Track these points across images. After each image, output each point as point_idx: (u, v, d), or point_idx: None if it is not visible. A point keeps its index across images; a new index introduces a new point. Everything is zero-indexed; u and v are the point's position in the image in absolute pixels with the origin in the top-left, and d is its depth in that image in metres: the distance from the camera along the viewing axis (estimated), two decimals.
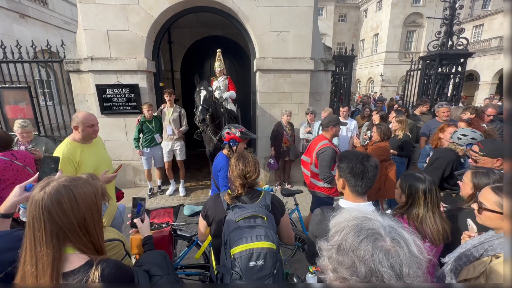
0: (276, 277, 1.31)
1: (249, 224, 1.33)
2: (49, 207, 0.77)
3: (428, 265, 0.79)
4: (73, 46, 4.55)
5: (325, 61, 4.95)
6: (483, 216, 1.19)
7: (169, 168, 4.66)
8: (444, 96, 5.42)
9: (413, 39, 23.45)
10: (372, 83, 26.20)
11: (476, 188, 1.56)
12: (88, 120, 2.05)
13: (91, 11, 4.19)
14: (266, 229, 1.32)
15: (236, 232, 1.31)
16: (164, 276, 1.05)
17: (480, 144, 2.04)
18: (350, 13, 28.92)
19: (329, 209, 1.33)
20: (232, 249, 1.28)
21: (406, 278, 0.57)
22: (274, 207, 1.49)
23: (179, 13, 4.59)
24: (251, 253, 1.25)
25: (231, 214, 1.38)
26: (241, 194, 1.48)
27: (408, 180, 1.53)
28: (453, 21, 5.25)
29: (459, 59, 5.28)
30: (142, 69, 4.45)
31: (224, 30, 6.83)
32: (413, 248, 0.61)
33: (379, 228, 0.63)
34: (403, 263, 0.58)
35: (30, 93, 4.69)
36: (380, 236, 0.61)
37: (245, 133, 2.39)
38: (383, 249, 0.59)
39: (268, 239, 1.29)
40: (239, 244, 1.27)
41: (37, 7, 9.70)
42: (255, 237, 1.28)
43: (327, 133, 2.75)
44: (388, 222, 0.66)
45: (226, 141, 2.38)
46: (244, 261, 1.25)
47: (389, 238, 0.61)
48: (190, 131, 4.79)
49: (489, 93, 16.85)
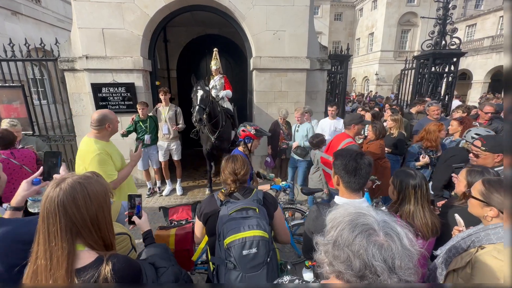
0: (270, 266, 1.35)
1: (241, 216, 1.37)
2: (65, 203, 0.79)
3: (419, 258, 0.82)
4: (68, 44, 4.50)
5: (321, 60, 4.98)
6: (469, 203, 1.28)
7: (166, 167, 4.66)
8: (438, 95, 5.51)
9: (408, 38, 23.69)
10: (368, 82, 26.41)
11: (470, 187, 1.61)
12: (115, 116, 2.20)
13: (86, 9, 4.14)
14: (258, 220, 1.36)
15: (228, 223, 1.35)
16: (169, 268, 1.10)
17: (482, 140, 2.05)
18: (345, 12, 29.05)
19: (325, 205, 1.37)
20: (225, 240, 1.31)
21: (398, 270, 0.60)
22: (266, 201, 1.54)
23: (175, 11, 4.58)
24: (244, 241, 1.29)
25: (224, 209, 1.43)
26: (234, 191, 1.53)
27: (399, 176, 1.59)
28: (446, 21, 5.34)
29: (452, 59, 5.38)
30: (138, 68, 4.42)
31: (221, 29, 6.82)
32: (405, 241, 0.64)
33: (373, 223, 0.66)
34: (395, 256, 0.61)
35: (23, 92, 4.63)
36: (374, 231, 0.64)
37: (260, 131, 2.51)
38: (377, 244, 0.62)
39: (260, 228, 1.33)
40: (232, 234, 1.31)
41: (30, 4, 9.53)
42: (247, 226, 1.32)
43: (350, 131, 2.75)
44: (382, 217, 0.68)
45: (241, 138, 2.47)
46: (238, 250, 1.28)
47: (383, 232, 0.64)
48: (186, 130, 4.79)
49: (481, 91, 17.14)
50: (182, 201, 4.50)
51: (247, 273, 1.30)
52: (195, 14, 5.41)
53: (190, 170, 5.90)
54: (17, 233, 0.98)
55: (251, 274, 1.30)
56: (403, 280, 0.60)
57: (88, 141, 2.09)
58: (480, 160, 2.03)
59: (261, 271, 1.31)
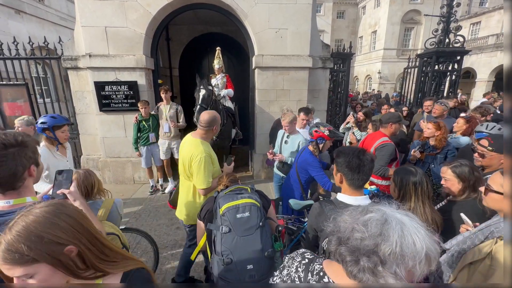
0: (264, 230, 1.46)
1: (235, 193, 1.55)
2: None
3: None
4: (71, 43, 4.52)
5: (323, 59, 4.97)
6: (489, 197, 1.20)
7: (168, 165, 4.68)
8: (441, 93, 5.47)
9: (411, 36, 23.48)
10: (370, 80, 26.25)
11: (463, 180, 1.60)
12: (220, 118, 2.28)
13: (89, 7, 4.16)
14: (251, 195, 1.54)
15: (223, 198, 1.52)
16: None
17: (490, 139, 1.91)
18: (348, 10, 28.84)
19: (327, 202, 1.38)
20: (220, 208, 1.47)
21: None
22: (259, 191, 1.69)
23: (177, 10, 4.58)
24: (237, 207, 1.45)
25: (219, 195, 1.59)
26: (228, 185, 1.73)
27: (400, 173, 1.60)
28: (450, 19, 5.28)
29: (456, 57, 5.33)
30: (141, 66, 4.44)
31: (223, 27, 6.81)
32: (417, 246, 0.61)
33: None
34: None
35: (28, 90, 4.67)
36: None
37: (334, 132, 2.51)
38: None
39: (252, 198, 1.50)
40: (227, 203, 1.47)
41: (33, 3, 9.59)
42: (240, 197, 1.51)
43: (386, 130, 2.72)
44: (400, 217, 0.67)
45: (313, 139, 2.50)
46: (232, 214, 1.43)
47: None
48: (188, 129, 4.81)
49: (485, 90, 16.97)
50: None
51: (242, 235, 1.41)
52: (198, 12, 5.41)
53: None
54: None
55: (246, 236, 1.41)
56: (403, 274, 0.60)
57: (195, 142, 2.05)
58: (486, 160, 1.89)
59: (255, 233, 1.43)
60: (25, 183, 1.05)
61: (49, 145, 2.35)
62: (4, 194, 1.01)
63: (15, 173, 0.99)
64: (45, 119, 2.30)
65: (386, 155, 2.53)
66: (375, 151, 2.63)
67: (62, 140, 2.39)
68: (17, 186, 1.02)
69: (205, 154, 1.96)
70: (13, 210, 1.00)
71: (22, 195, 1.04)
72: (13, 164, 0.98)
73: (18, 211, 0.96)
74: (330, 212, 1.29)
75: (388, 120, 2.70)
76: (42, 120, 2.30)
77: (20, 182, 1.03)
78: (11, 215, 0.98)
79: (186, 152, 2.03)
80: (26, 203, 1.04)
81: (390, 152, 2.53)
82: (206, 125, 2.04)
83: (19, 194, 1.04)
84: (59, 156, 2.40)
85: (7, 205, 1.01)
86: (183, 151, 2.09)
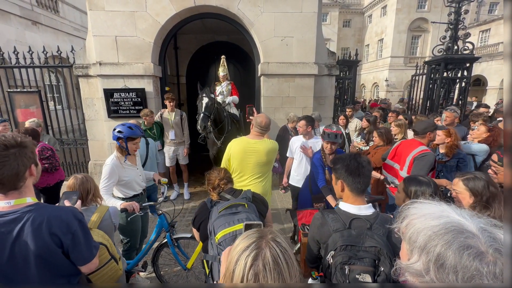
0: None
1: (230, 212, 1.37)
2: None
3: None
4: (83, 51, 4.67)
5: (329, 66, 4.97)
6: None
7: (173, 172, 4.70)
8: (450, 101, 5.37)
9: (418, 44, 23.35)
10: (377, 88, 26.08)
11: (475, 195, 1.45)
12: None
13: (101, 18, 4.31)
14: (247, 213, 1.36)
15: (218, 219, 1.34)
16: None
17: (500, 153, 1.72)
18: (354, 19, 29.02)
19: (329, 212, 1.33)
20: (216, 236, 1.29)
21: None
22: (255, 201, 1.57)
23: (185, 19, 4.70)
24: (235, 235, 1.25)
25: (214, 209, 1.45)
26: (223, 189, 1.64)
27: (412, 184, 1.52)
28: (458, 26, 5.23)
29: (465, 64, 5.24)
30: (149, 74, 4.54)
31: (229, 36, 6.94)
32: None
33: (477, 242, 0.57)
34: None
35: (40, 97, 4.82)
36: (482, 254, 0.56)
37: (332, 134, 2.65)
38: (490, 264, 0.54)
39: (249, 218, 1.32)
40: (222, 229, 1.29)
41: (49, 15, 10.02)
42: (237, 220, 1.31)
43: (423, 139, 2.63)
44: (478, 224, 0.61)
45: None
46: (229, 243, 1.23)
47: (492, 250, 0.56)
48: (194, 136, 4.84)
49: (497, 98, 16.60)
50: (189, 205, 4.50)
51: None
52: (205, 21, 5.54)
53: (197, 175, 5.92)
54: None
55: None
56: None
57: (265, 141, 2.36)
58: (499, 177, 1.70)
59: None
60: (26, 182, 1.07)
61: (119, 155, 2.33)
62: (6, 194, 1.03)
63: (18, 173, 1.01)
64: (123, 129, 2.24)
65: (427, 165, 2.42)
66: (413, 160, 2.50)
67: (131, 152, 2.36)
68: (19, 186, 1.04)
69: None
70: (14, 211, 1.01)
71: (23, 195, 1.06)
72: (15, 163, 1.00)
73: (19, 211, 0.98)
74: (333, 223, 1.25)
75: (425, 130, 2.59)
76: (120, 129, 2.24)
77: (22, 182, 1.05)
78: (11, 216, 0.99)
79: (263, 148, 2.29)
80: (26, 203, 1.05)
81: (431, 162, 2.43)
82: (267, 129, 2.29)
83: (20, 194, 1.05)
84: (128, 166, 2.38)
85: (7, 206, 1.02)
86: (257, 150, 2.28)
